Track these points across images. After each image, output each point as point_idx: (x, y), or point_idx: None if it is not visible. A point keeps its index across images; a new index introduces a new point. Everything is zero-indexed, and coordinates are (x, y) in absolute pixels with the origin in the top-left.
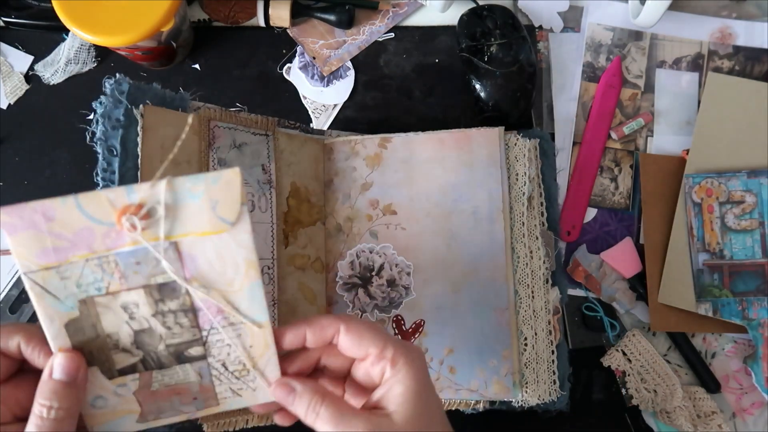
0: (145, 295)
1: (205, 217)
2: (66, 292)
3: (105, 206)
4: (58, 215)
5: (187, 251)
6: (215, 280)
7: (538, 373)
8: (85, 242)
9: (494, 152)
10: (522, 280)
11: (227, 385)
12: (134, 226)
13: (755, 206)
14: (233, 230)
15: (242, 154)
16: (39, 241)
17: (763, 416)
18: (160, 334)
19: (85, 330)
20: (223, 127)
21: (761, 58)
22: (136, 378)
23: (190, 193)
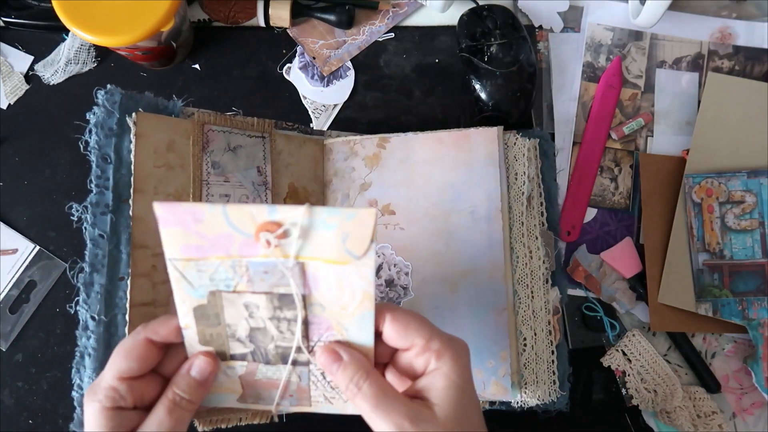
0: (266, 301)
1: (334, 248)
2: (200, 283)
3: (247, 219)
4: (206, 219)
5: (312, 272)
6: (331, 302)
7: (537, 374)
8: (223, 246)
9: (493, 152)
10: (521, 280)
11: (322, 391)
12: (269, 242)
13: (755, 206)
14: (358, 263)
15: (237, 157)
16: (185, 237)
17: (763, 416)
18: (272, 335)
19: (210, 317)
20: (217, 131)
21: (761, 58)
22: (244, 365)
23: (325, 223)
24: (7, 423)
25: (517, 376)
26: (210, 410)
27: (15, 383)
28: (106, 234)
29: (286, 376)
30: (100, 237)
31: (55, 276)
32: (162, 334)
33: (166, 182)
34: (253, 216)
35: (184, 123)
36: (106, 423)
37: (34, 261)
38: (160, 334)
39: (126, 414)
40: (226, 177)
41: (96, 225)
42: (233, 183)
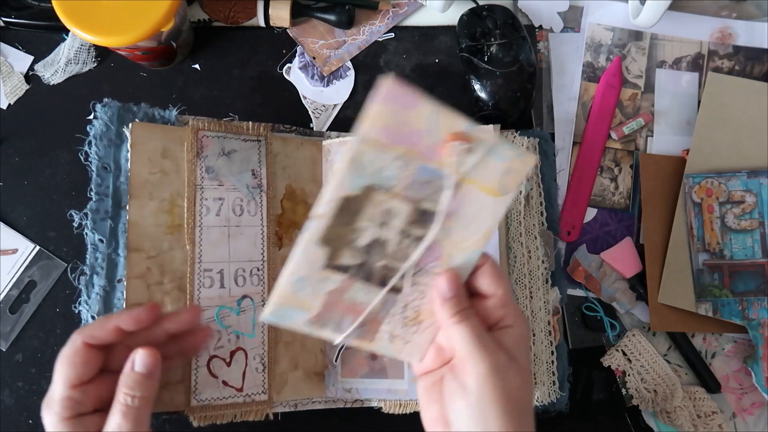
0: (410, 212)
1: (496, 178)
2: (364, 172)
3: (446, 124)
4: (420, 108)
5: (463, 194)
6: (459, 229)
7: (536, 375)
8: (411, 142)
9: None
10: (519, 280)
11: (392, 326)
12: (454, 153)
13: (755, 206)
14: (499, 201)
15: (231, 161)
16: (391, 120)
17: (763, 416)
18: (389, 251)
19: (349, 213)
20: (211, 137)
21: (761, 58)
22: (339, 280)
23: (502, 152)
24: (7, 423)
25: None
26: (204, 406)
27: (15, 383)
28: (105, 239)
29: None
30: (99, 241)
31: (55, 276)
32: (99, 336)
33: (161, 187)
34: (452, 122)
35: (177, 131)
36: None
37: (34, 261)
38: (97, 338)
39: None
40: (220, 181)
41: (96, 230)
42: (227, 186)
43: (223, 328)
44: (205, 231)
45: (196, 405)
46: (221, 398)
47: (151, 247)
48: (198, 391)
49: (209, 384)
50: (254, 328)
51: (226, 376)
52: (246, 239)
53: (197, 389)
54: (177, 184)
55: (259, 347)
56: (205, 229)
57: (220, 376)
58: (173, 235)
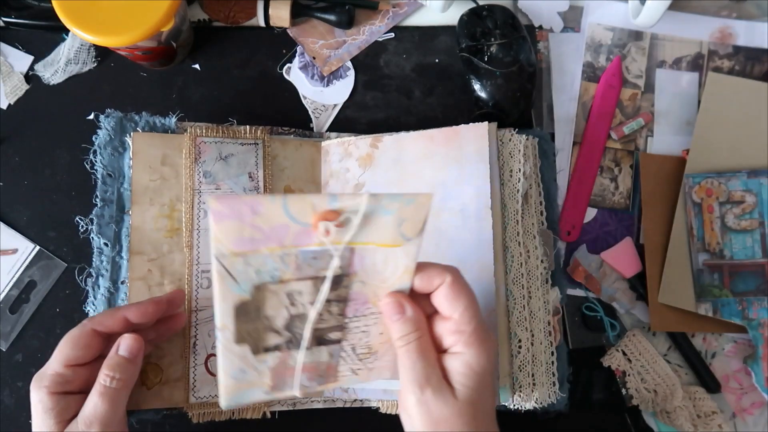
0: (311, 286)
1: (389, 232)
2: (245, 277)
3: (307, 209)
4: (264, 210)
5: (359, 253)
6: (373, 277)
7: (535, 376)
8: (278, 237)
9: (482, 148)
10: (516, 280)
11: (350, 365)
12: (328, 231)
13: (755, 206)
14: (408, 245)
15: (228, 165)
16: (239, 231)
17: (763, 416)
18: (311, 319)
19: (250, 312)
20: (209, 142)
21: (761, 58)
22: (277, 355)
23: (384, 209)
24: (7, 423)
25: (508, 379)
26: (203, 404)
27: (15, 383)
28: (109, 242)
29: (317, 357)
30: (104, 245)
31: (55, 276)
32: (107, 325)
33: (161, 193)
34: (313, 206)
35: (176, 138)
36: (52, 405)
37: (34, 261)
38: (105, 326)
39: (72, 397)
40: (218, 185)
41: (101, 234)
42: (224, 190)
43: None
44: (203, 234)
45: (194, 402)
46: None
47: (152, 250)
48: (196, 389)
49: (207, 381)
50: None
51: None
52: None
53: (196, 387)
54: (176, 189)
55: None
56: (203, 231)
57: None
58: (173, 239)
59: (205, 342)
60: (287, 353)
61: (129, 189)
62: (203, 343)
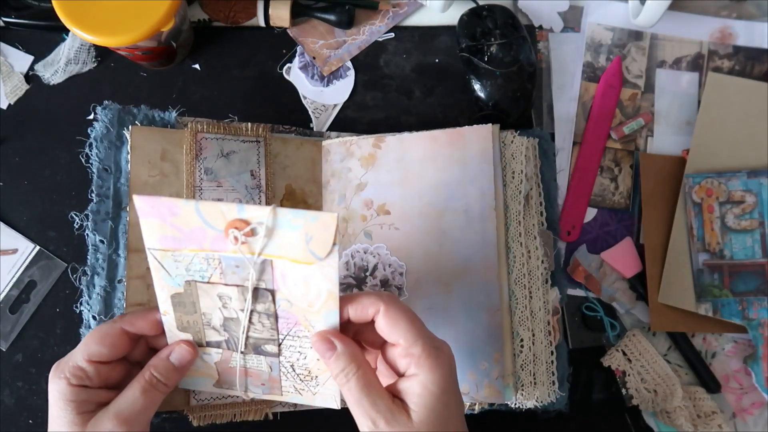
0: (238, 293)
1: (299, 248)
2: (177, 272)
3: (218, 215)
4: (181, 212)
5: (279, 269)
6: (299, 298)
7: (536, 375)
8: (197, 239)
9: (487, 149)
10: (518, 280)
11: (292, 382)
12: (237, 239)
13: (755, 206)
14: (322, 264)
15: (230, 162)
16: (162, 229)
17: (763, 416)
18: (243, 326)
19: (186, 304)
20: (210, 138)
21: (761, 58)
22: (219, 352)
23: (290, 223)
24: (7, 423)
25: (512, 378)
26: (204, 406)
27: (15, 383)
28: (106, 239)
29: (257, 365)
30: (100, 242)
31: (55, 276)
32: (138, 326)
33: (161, 189)
34: (223, 213)
35: (176, 133)
36: (73, 397)
37: (34, 261)
38: (136, 326)
39: (91, 390)
40: (219, 182)
41: (97, 231)
42: (226, 188)
43: None
44: None
45: (195, 404)
46: (221, 398)
47: None
48: (197, 391)
49: None
50: None
51: None
52: None
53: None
54: (176, 186)
55: None
56: None
57: None
58: None
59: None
60: (228, 353)
61: (126, 184)
62: None
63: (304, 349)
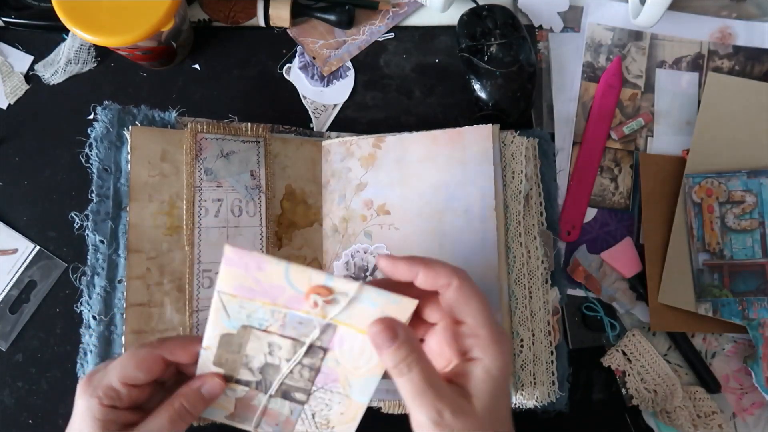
0: (290, 345)
1: (370, 321)
2: (237, 316)
3: (305, 279)
4: (267, 269)
5: (341, 333)
6: (348, 361)
7: (536, 375)
8: (273, 295)
9: (487, 149)
10: (518, 280)
11: (306, 428)
12: (317, 304)
13: (755, 206)
14: None
15: (229, 162)
16: (241, 279)
17: (763, 416)
18: (282, 374)
19: (233, 345)
20: (210, 139)
21: (761, 58)
22: (246, 390)
23: (371, 300)
24: (7, 423)
25: (511, 378)
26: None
27: (15, 383)
28: (106, 240)
29: (279, 408)
30: (100, 242)
31: (55, 276)
32: (178, 355)
33: (161, 190)
34: (310, 278)
35: (176, 134)
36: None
37: (34, 261)
38: (175, 356)
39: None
40: (219, 182)
41: (97, 231)
42: (226, 188)
43: None
44: (204, 232)
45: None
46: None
47: (151, 248)
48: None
49: None
50: None
51: None
52: (245, 240)
53: None
54: (176, 186)
55: None
56: (204, 230)
57: None
58: (172, 237)
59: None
60: (254, 393)
61: (126, 185)
62: None
63: (332, 402)
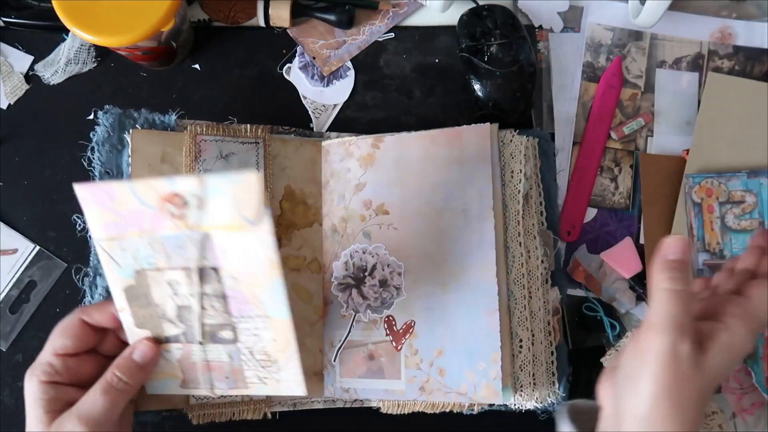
0: (185, 276)
1: (230, 214)
2: (125, 262)
3: (151, 192)
4: (117, 195)
5: (219, 244)
6: (242, 272)
7: (535, 376)
8: (136, 222)
9: (485, 149)
10: (517, 280)
11: (254, 371)
12: (171, 213)
13: (755, 206)
14: (256, 230)
15: (228, 164)
16: (103, 216)
17: (763, 416)
18: (196, 313)
19: (139, 297)
20: (209, 141)
21: (761, 58)
22: (180, 347)
23: (217, 189)
24: (7, 423)
25: (510, 379)
26: (203, 404)
27: (15, 383)
28: None
29: (217, 355)
30: None
31: (55, 276)
32: (95, 317)
33: None
34: (155, 189)
35: (176, 136)
36: (42, 395)
37: (34, 261)
38: (93, 318)
39: (62, 388)
40: None
41: None
42: None
43: None
44: None
45: (194, 403)
46: (219, 397)
47: None
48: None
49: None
50: None
51: None
52: None
53: None
54: None
55: None
56: None
57: None
58: None
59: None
60: (188, 347)
61: None
62: None
63: (259, 330)
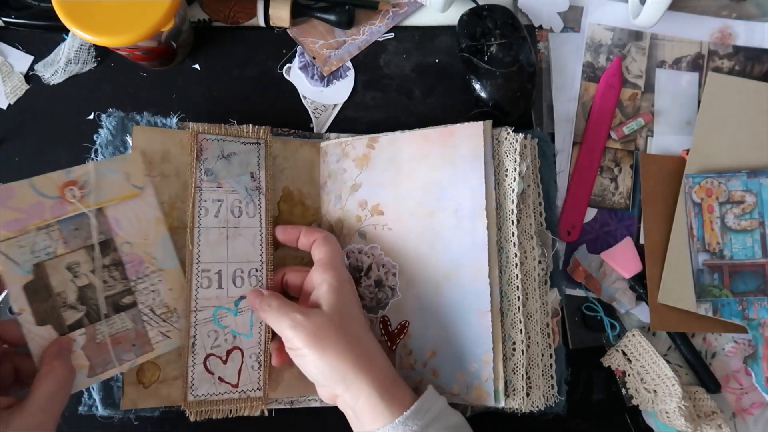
0: (85, 254)
1: (123, 186)
2: (23, 258)
3: (51, 184)
4: (18, 194)
5: (112, 215)
6: (135, 236)
7: (531, 378)
8: (37, 214)
9: (477, 147)
10: (510, 281)
11: (157, 329)
12: (74, 195)
13: (755, 206)
14: (143, 194)
15: (230, 164)
16: (4, 215)
17: (763, 416)
18: (98, 287)
19: (40, 291)
20: (211, 140)
21: (761, 58)
22: (84, 333)
23: (110, 170)
24: None
25: (501, 381)
26: (200, 401)
27: None
28: None
29: (122, 325)
30: None
31: None
32: None
33: (161, 190)
34: (54, 180)
35: (178, 134)
36: None
37: None
38: None
39: None
40: (219, 183)
41: None
42: (226, 188)
43: (221, 328)
44: (204, 232)
45: (192, 400)
46: (217, 394)
47: None
48: (194, 387)
49: (205, 380)
50: (251, 328)
51: (222, 373)
52: (245, 240)
53: (194, 385)
54: (176, 186)
55: (256, 347)
56: (204, 230)
57: (216, 372)
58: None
59: (204, 342)
60: (92, 328)
61: None
62: (202, 343)
63: (155, 285)
